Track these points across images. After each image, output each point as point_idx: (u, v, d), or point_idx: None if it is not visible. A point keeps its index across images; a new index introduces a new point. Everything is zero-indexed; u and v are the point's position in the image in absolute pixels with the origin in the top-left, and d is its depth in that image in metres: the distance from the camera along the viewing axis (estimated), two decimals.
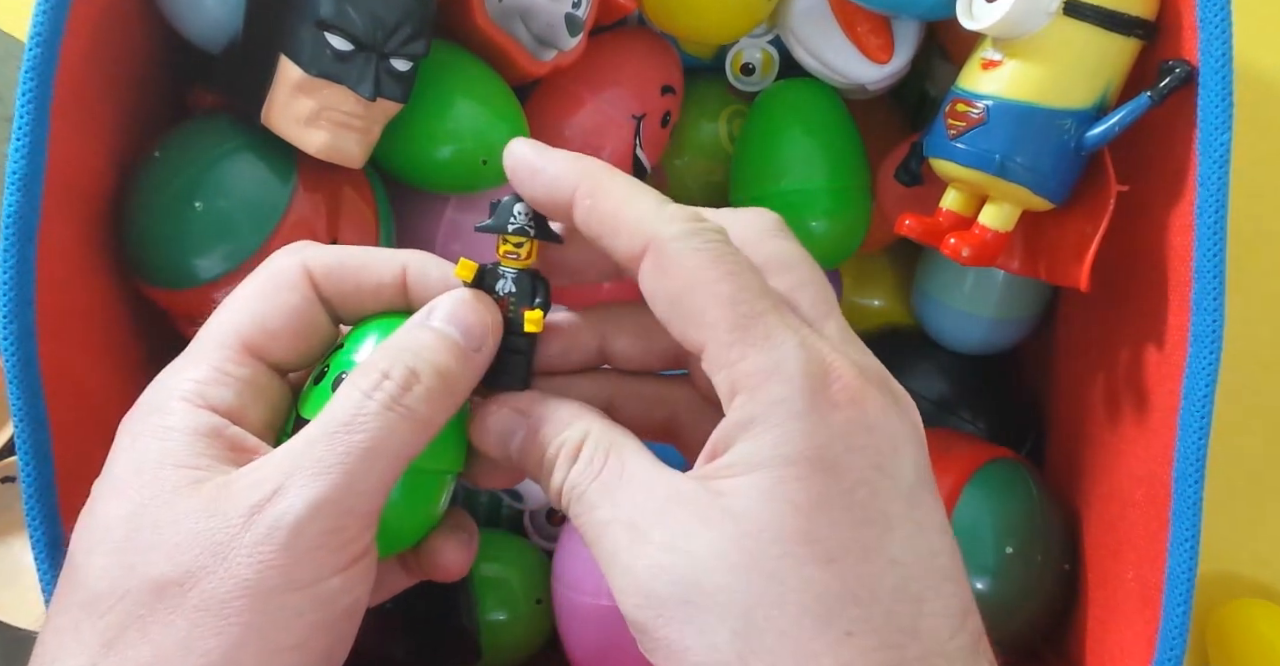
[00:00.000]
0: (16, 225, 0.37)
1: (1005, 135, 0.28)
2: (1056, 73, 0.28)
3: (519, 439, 0.27)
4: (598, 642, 0.48)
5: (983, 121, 0.28)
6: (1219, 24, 0.37)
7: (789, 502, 0.22)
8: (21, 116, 0.37)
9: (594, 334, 0.29)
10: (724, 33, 0.53)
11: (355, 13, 0.40)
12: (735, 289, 0.24)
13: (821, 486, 0.22)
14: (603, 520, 0.24)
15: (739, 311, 0.23)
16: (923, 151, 0.34)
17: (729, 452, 0.23)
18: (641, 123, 0.52)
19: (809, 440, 0.22)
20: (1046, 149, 0.29)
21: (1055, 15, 0.28)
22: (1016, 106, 0.28)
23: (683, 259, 0.24)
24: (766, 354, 0.23)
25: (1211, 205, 0.37)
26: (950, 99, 0.30)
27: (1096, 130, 0.30)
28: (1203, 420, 0.37)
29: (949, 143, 0.29)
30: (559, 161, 0.27)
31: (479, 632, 0.48)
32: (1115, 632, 0.42)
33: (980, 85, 0.28)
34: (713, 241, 0.24)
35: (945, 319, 0.55)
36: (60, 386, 0.39)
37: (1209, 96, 0.37)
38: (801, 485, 0.22)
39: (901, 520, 0.22)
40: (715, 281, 0.24)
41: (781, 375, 0.23)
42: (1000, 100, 0.28)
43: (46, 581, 0.39)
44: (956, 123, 0.29)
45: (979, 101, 0.28)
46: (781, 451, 0.22)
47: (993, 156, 0.29)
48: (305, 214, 0.43)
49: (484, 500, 0.57)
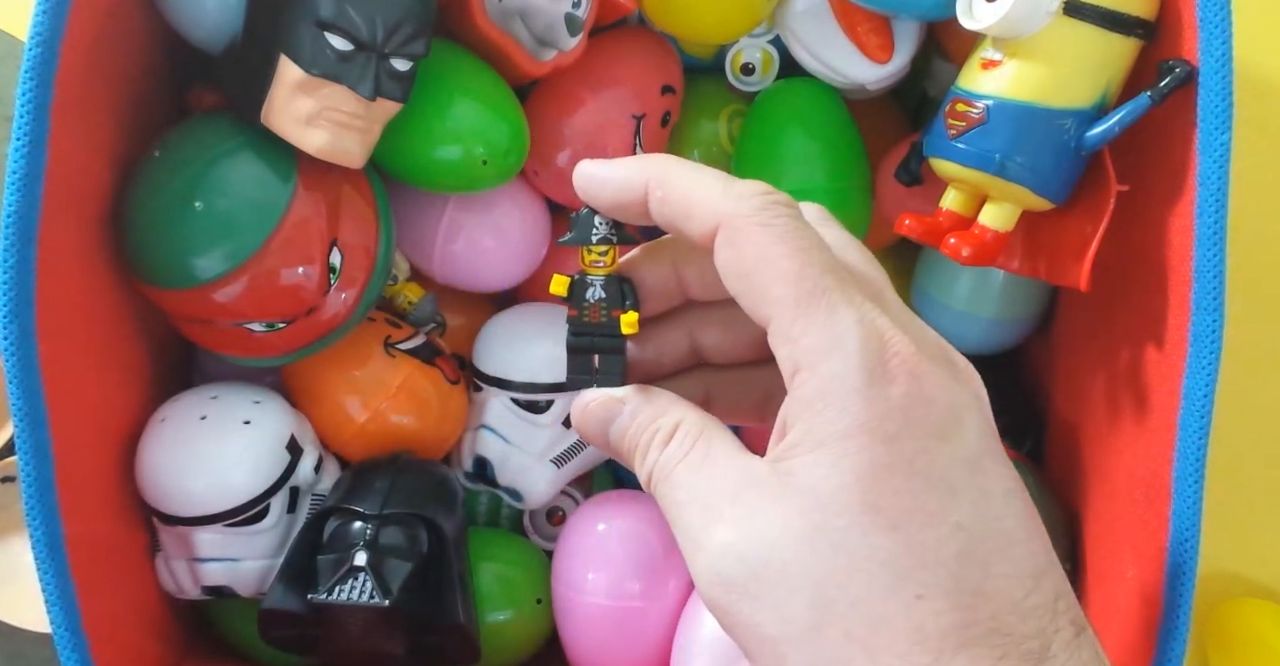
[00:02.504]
0: (16, 225, 0.37)
1: (1005, 135, 0.28)
2: (1056, 72, 0.28)
3: (618, 425, 0.28)
4: (598, 642, 0.48)
5: (983, 121, 0.28)
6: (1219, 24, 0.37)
7: (851, 474, 0.23)
8: (21, 116, 0.37)
9: (683, 333, 0.30)
10: (724, 32, 0.53)
11: (355, 13, 0.40)
12: (801, 264, 0.24)
13: (883, 457, 0.23)
14: (682, 500, 0.25)
15: (803, 288, 0.24)
16: (923, 151, 0.34)
17: (793, 431, 0.24)
18: (641, 123, 0.52)
19: (868, 413, 0.23)
20: (1046, 149, 0.29)
21: (1055, 15, 0.28)
22: (1016, 106, 0.28)
23: (752, 234, 0.25)
24: (827, 330, 0.24)
25: (1211, 205, 0.37)
26: (950, 99, 0.30)
27: (1097, 130, 0.30)
28: (1202, 420, 0.37)
29: (949, 142, 0.29)
30: (623, 166, 0.28)
31: (479, 632, 0.48)
32: (1115, 632, 0.42)
33: (980, 85, 0.28)
34: (782, 216, 0.25)
35: (944, 319, 0.55)
36: (60, 386, 0.39)
37: (1209, 96, 0.36)
38: (863, 457, 0.23)
39: (964, 486, 0.23)
40: (782, 257, 0.24)
41: (841, 351, 0.23)
42: (1000, 100, 0.28)
43: (47, 581, 0.39)
44: (956, 122, 0.29)
45: (979, 101, 0.28)
46: (841, 426, 0.23)
47: (993, 156, 0.29)
48: (305, 213, 0.43)
49: (484, 500, 0.57)
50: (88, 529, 0.41)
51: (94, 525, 0.42)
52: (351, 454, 0.51)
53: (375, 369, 0.50)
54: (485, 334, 0.54)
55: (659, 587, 0.48)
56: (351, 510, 0.46)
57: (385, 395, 0.49)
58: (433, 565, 0.46)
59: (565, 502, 0.56)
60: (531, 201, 0.54)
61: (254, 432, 0.45)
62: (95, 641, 0.40)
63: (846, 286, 0.24)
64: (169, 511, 0.44)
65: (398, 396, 0.50)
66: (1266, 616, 0.59)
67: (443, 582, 0.46)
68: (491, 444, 0.52)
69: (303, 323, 0.45)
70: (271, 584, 0.45)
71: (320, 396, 0.50)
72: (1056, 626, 0.23)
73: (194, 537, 0.45)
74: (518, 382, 0.51)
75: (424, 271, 0.54)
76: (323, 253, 0.44)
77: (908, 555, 0.22)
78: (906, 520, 0.23)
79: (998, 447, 0.24)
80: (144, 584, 0.46)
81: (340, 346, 0.48)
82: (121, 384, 0.46)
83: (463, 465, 0.53)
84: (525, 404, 0.52)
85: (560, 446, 0.52)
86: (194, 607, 0.50)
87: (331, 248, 0.45)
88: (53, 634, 0.39)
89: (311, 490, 0.48)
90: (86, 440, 0.42)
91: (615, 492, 0.53)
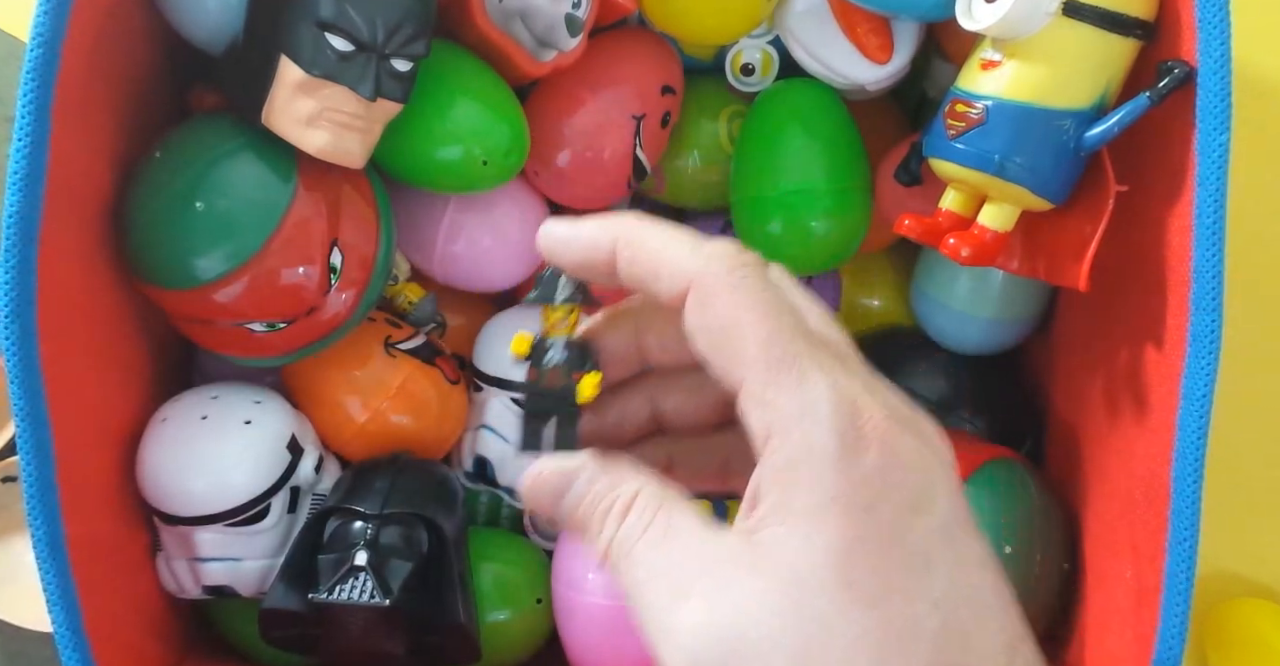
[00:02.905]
0: (18, 226, 0.37)
1: (1004, 135, 0.28)
2: (1056, 73, 0.28)
3: (573, 494, 0.27)
4: (598, 642, 0.48)
5: (982, 122, 0.28)
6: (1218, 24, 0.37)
7: (827, 548, 0.22)
8: (23, 117, 0.37)
9: (644, 399, 0.30)
10: (724, 33, 0.53)
11: (356, 13, 0.40)
12: (772, 329, 0.24)
13: (857, 529, 0.22)
14: (643, 578, 0.25)
15: (773, 353, 0.24)
16: (922, 151, 0.34)
17: (765, 501, 0.24)
18: (641, 123, 0.52)
19: (842, 484, 0.23)
20: (1045, 149, 0.29)
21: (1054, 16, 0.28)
22: (1016, 107, 0.28)
23: (722, 296, 0.25)
24: (799, 396, 0.23)
25: (1210, 205, 0.37)
26: (950, 99, 0.29)
27: (1096, 130, 0.30)
28: (1202, 420, 0.37)
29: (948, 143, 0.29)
30: (590, 225, 0.27)
31: (479, 632, 0.48)
32: (1115, 631, 0.42)
33: (979, 85, 0.28)
34: (751, 278, 0.25)
35: (945, 319, 0.55)
36: (61, 386, 0.39)
37: (1208, 97, 0.37)
38: (837, 530, 0.22)
39: (940, 558, 0.23)
40: (753, 321, 0.24)
41: (813, 418, 0.23)
42: (999, 100, 0.28)
43: (48, 580, 0.39)
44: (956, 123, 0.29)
45: (978, 102, 0.28)
46: (815, 498, 0.23)
47: (992, 156, 0.29)
48: (306, 214, 0.43)
49: (484, 500, 0.57)
50: (89, 529, 0.41)
51: (95, 525, 0.42)
52: (352, 454, 0.51)
53: (375, 369, 0.50)
54: (485, 334, 0.54)
55: None
56: (352, 510, 0.46)
57: (385, 395, 0.49)
58: (433, 565, 0.46)
59: None
60: (531, 202, 0.54)
61: (255, 432, 0.46)
62: (96, 641, 0.40)
63: (817, 352, 0.24)
64: (170, 511, 0.45)
65: (398, 396, 0.50)
66: (1266, 616, 0.59)
67: (443, 582, 0.46)
68: (491, 444, 0.52)
69: (303, 323, 0.46)
70: (272, 583, 0.45)
71: (321, 396, 0.50)
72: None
73: (195, 537, 0.45)
74: (518, 383, 0.52)
75: (424, 271, 0.54)
76: (323, 253, 0.44)
77: (886, 631, 0.22)
78: (885, 597, 0.22)
79: (966, 514, 0.24)
80: (145, 583, 0.46)
81: (340, 346, 0.48)
82: (122, 384, 0.46)
83: (463, 465, 0.53)
84: None
85: None
86: (195, 607, 0.50)
87: (332, 248, 0.45)
88: (54, 633, 0.39)
89: (312, 490, 0.48)
90: (88, 440, 0.42)
91: None
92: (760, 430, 0.24)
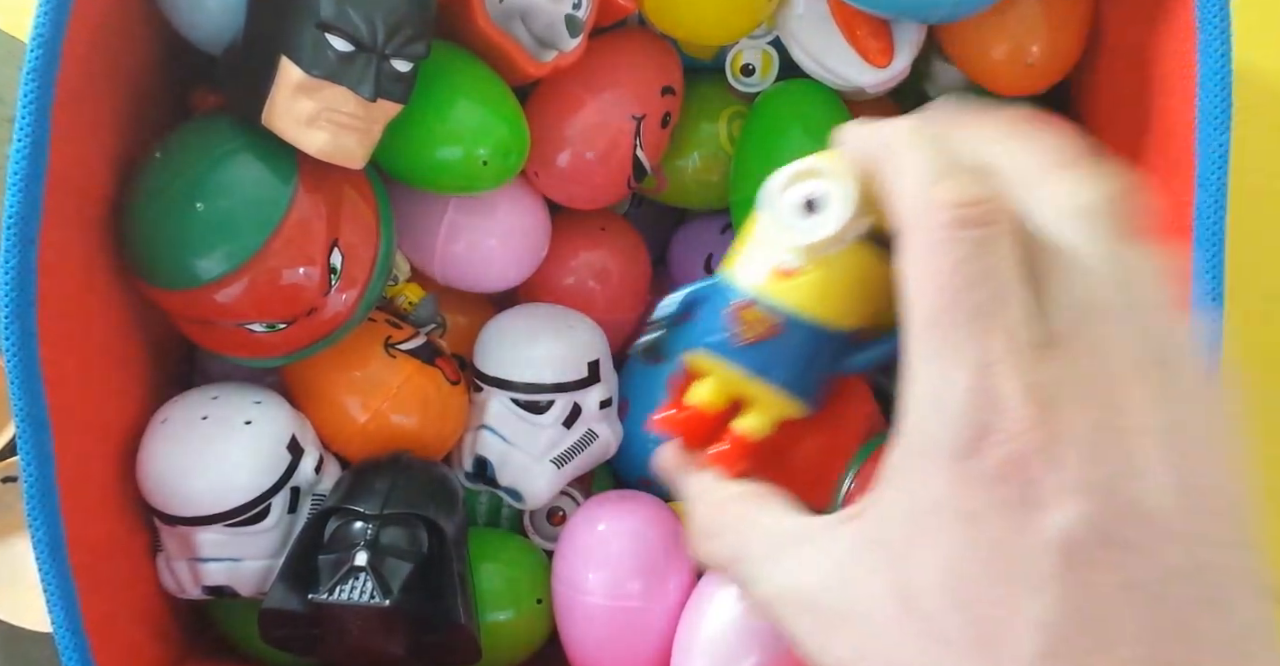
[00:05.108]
0: (18, 226, 0.37)
1: (792, 349, 0.28)
2: (847, 292, 0.27)
3: None
4: (598, 642, 0.48)
5: (776, 333, 0.28)
6: (1218, 24, 0.37)
7: (933, 556, 0.22)
8: (23, 118, 0.37)
9: None
10: (724, 34, 0.53)
11: (356, 14, 0.40)
12: (949, 303, 0.22)
13: (963, 539, 0.22)
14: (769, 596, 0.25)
15: (935, 333, 0.22)
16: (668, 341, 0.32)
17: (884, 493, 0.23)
18: (641, 123, 0.52)
19: (952, 489, 0.22)
20: (819, 364, 0.28)
21: (861, 237, 0.27)
22: (810, 321, 0.27)
23: (922, 251, 0.23)
24: (940, 382, 0.22)
25: (1210, 205, 0.37)
26: (737, 300, 0.28)
27: (866, 354, 0.29)
28: None
29: (735, 348, 0.28)
30: (863, 133, 0.26)
31: (479, 632, 0.48)
32: None
33: (776, 293, 0.28)
34: (962, 241, 0.22)
35: None
36: (61, 387, 0.39)
37: (1208, 96, 0.37)
38: (944, 538, 0.22)
39: (1055, 577, 0.21)
40: (935, 290, 0.22)
41: (943, 409, 0.22)
42: (797, 314, 0.27)
43: (48, 581, 0.39)
44: (748, 330, 0.28)
45: (774, 312, 0.28)
46: (924, 503, 0.22)
47: (778, 368, 0.28)
48: (306, 214, 0.43)
49: (484, 500, 0.57)
50: (89, 529, 0.41)
51: (95, 525, 0.42)
52: (352, 454, 0.51)
53: (376, 369, 0.50)
54: (486, 334, 0.54)
55: (659, 587, 0.48)
56: (352, 510, 0.46)
57: (386, 395, 0.49)
58: (433, 565, 0.46)
59: (565, 502, 0.56)
60: (532, 202, 0.54)
61: (255, 433, 0.46)
62: (96, 641, 0.40)
63: (989, 335, 0.22)
64: (170, 511, 0.45)
65: (398, 397, 0.50)
66: None
67: (443, 582, 0.46)
68: (491, 444, 0.52)
69: (303, 323, 0.46)
70: (272, 584, 0.45)
71: (321, 397, 0.50)
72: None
73: (195, 537, 0.45)
74: (518, 383, 0.52)
75: (425, 272, 0.54)
76: (323, 253, 0.44)
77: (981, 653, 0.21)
78: (983, 613, 0.21)
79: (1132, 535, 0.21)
80: (145, 584, 0.46)
81: (341, 347, 0.48)
82: (122, 384, 0.46)
83: (463, 465, 0.53)
84: (525, 404, 0.52)
85: (560, 446, 0.52)
86: (195, 607, 0.50)
87: (332, 248, 0.45)
88: (54, 634, 0.39)
89: (312, 490, 0.48)
90: (88, 440, 0.42)
91: (615, 493, 0.53)
92: (904, 405, 0.23)
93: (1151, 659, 0.20)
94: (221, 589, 0.46)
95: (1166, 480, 0.21)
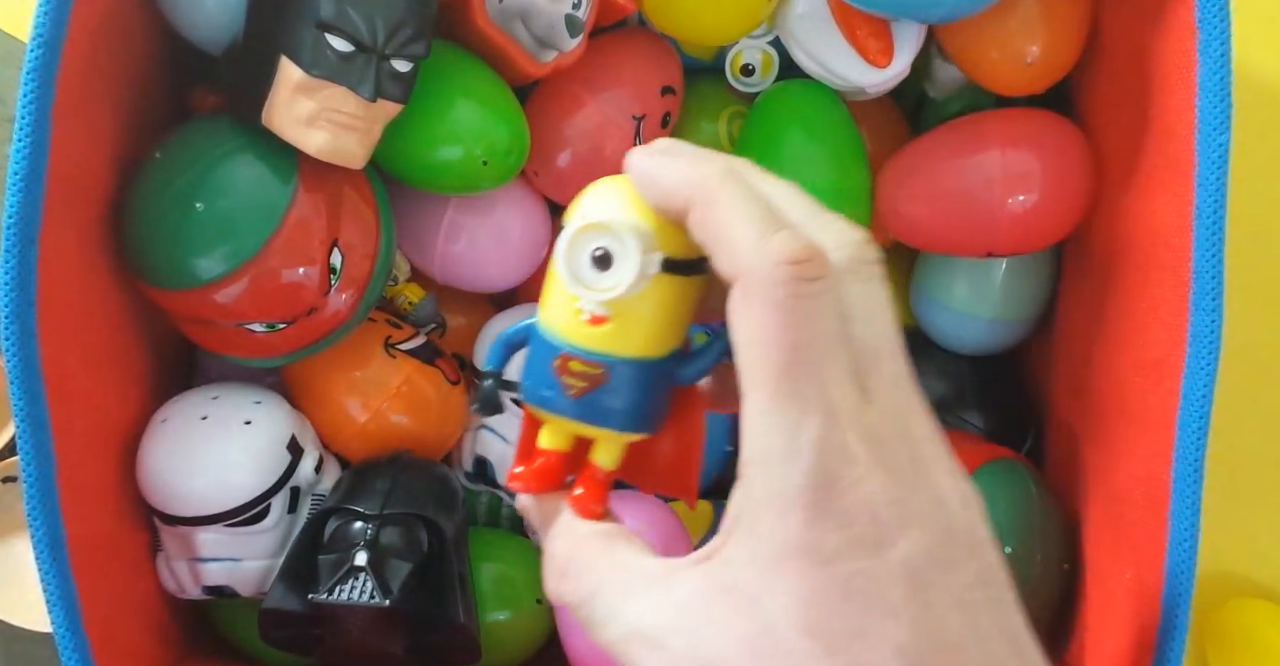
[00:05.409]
0: (18, 226, 0.37)
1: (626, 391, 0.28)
2: (657, 323, 0.28)
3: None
4: None
5: (605, 381, 0.29)
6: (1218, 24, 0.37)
7: (791, 595, 0.23)
8: (23, 118, 0.37)
9: None
10: (724, 34, 0.53)
11: (356, 14, 0.40)
12: (788, 361, 0.23)
13: (820, 578, 0.23)
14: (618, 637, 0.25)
15: (782, 386, 0.23)
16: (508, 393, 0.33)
17: (734, 537, 0.24)
18: (641, 123, 0.52)
19: (805, 535, 0.23)
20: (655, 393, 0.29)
21: (657, 272, 0.28)
22: (632, 362, 0.28)
23: (758, 307, 0.24)
24: (790, 435, 0.23)
25: (1210, 205, 0.37)
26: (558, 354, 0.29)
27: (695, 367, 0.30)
28: (1201, 420, 0.37)
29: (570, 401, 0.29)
30: (676, 170, 0.26)
31: (479, 632, 0.48)
32: (1114, 632, 0.42)
33: (594, 343, 0.28)
34: (802, 297, 0.23)
35: (944, 319, 0.55)
36: (61, 387, 0.39)
37: (1208, 96, 0.37)
38: (800, 578, 0.23)
39: (905, 603, 0.22)
40: (778, 346, 0.23)
41: (794, 461, 0.23)
42: (618, 358, 0.28)
43: (48, 581, 0.39)
44: (576, 382, 0.28)
45: (598, 361, 0.28)
46: (778, 546, 0.23)
47: (616, 412, 0.29)
48: (306, 214, 0.43)
49: (484, 500, 0.57)
50: (89, 529, 0.41)
51: (95, 525, 0.42)
52: (352, 454, 0.51)
53: (376, 369, 0.50)
54: (485, 334, 0.54)
55: None
56: (352, 510, 0.46)
57: (386, 395, 0.49)
58: (433, 565, 0.46)
59: None
60: (531, 202, 0.54)
61: (255, 433, 0.46)
62: (96, 641, 0.40)
63: (828, 388, 0.23)
64: (170, 511, 0.45)
65: (398, 397, 0.50)
66: (1266, 616, 0.59)
67: (443, 582, 0.46)
68: (491, 444, 0.52)
69: (303, 323, 0.46)
70: (272, 584, 0.45)
71: (321, 397, 0.50)
72: None
73: (195, 537, 0.45)
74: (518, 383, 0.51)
75: (424, 272, 0.54)
76: (323, 253, 0.44)
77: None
78: (846, 643, 0.22)
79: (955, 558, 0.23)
80: (145, 583, 0.46)
81: (341, 347, 0.48)
82: (122, 384, 0.46)
83: (463, 465, 0.53)
84: None
85: None
86: (195, 607, 0.50)
87: (332, 248, 0.45)
88: (54, 634, 0.39)
89: (312, 490, 0.48)
90: (88, 440, 0.42)
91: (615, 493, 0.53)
92: (747, 454, 0.24)
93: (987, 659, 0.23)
94: (221, 589, 0.46)
95: (954, 498, 0.24)
